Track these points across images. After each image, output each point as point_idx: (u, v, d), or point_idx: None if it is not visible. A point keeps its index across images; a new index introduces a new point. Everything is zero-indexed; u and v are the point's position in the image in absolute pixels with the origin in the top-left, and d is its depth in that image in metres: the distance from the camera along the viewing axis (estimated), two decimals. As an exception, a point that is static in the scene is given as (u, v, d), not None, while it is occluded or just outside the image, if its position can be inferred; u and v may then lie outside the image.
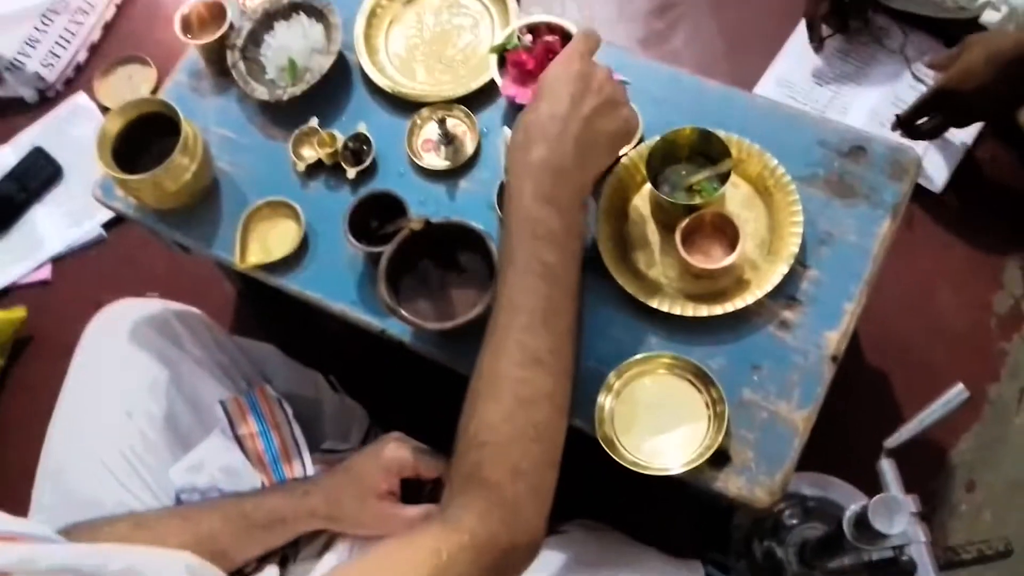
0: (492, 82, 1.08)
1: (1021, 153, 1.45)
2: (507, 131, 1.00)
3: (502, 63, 1.08)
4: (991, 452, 1.33)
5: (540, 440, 0.78)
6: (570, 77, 0.85)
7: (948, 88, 1.27)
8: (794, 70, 1.55)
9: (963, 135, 1.46)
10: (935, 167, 1.45)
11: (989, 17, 1.34)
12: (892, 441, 0.95)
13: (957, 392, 0.91)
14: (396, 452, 0.95)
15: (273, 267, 1.08)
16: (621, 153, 1.01)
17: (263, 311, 1.54)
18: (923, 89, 1.42)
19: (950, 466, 1.33)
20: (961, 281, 1.41)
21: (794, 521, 1.24)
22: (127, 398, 1.04)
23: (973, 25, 1.38)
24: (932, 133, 1.38)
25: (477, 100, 1.11)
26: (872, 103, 1.50)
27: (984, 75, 1.24)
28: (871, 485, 1.04)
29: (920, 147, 1.43)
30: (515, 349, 0.79)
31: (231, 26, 1.16)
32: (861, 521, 0.85)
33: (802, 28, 1.53)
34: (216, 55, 1.17)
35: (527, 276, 0.80)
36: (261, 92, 1.13)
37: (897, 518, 0.82)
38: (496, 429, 0.77)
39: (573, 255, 0.83)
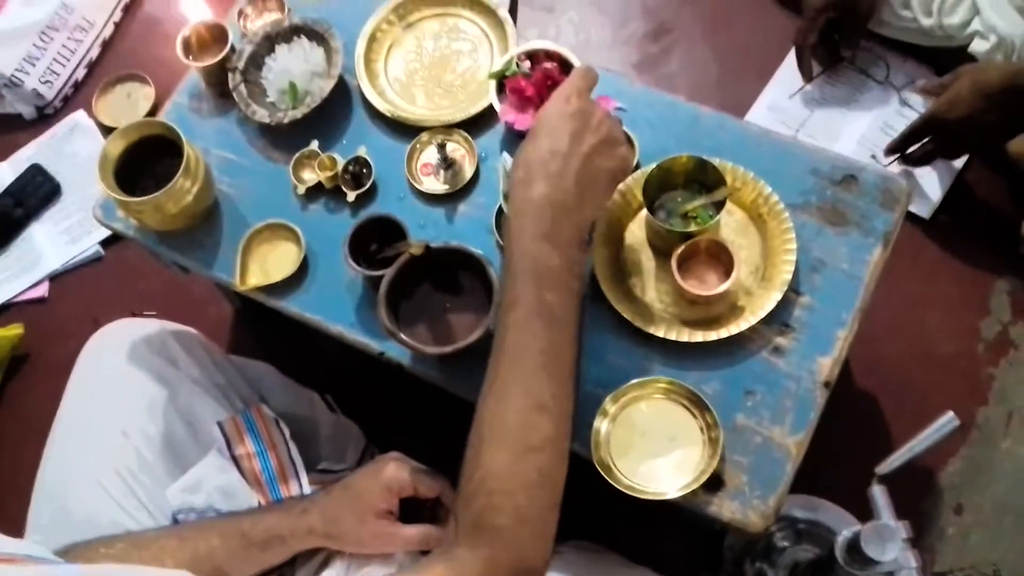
0: (491, 107, 1.10)
1: (1009, 180, 1.47)
2: (506, 156, 1.02)
3: (501, 88, 1.10)
4: (979, 475, 1.34)
5: (544, 486, 0.78)
6: (569, 114, 0.85)
7: (937, 117, 1.29)
8: (785, 96, 1.57)
9: (950, 166, 1.48)
10: (924, 193, 1.47)
11: (977, 47, 1.36)
12: (883, 468, 0.96)
13: (947, 420, 0.92)
14: (396, 472, 0.95)
15: (273, 289, 1.08)
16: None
17: (260, 331, 1.55)
18: (912, 116, 1.44)
19: (938, 489, 1.34)
20: (949, 306, 1.43)
21: (786, 543, 1.25)
22: (124, 418, 1.04)
23: (961, 54, 1.40)
24: (922, 160, 1.40)
25: (476, 125, 1.13)
26: (862, 130, 1.52)
27: (972, 105, 1.26)
28: (862, 508, 1.05)
29: (910, 175, 1.45)
30: (519, 395, 0.79)
31: (232, 48, 1.17)
32: (853, 547, 0.86)
33: (793, 55, 1.55)
34: (217, 77, 1.18)
35: (528, 317, 0.80)
36: (262, 115, 1.14)
37: (889, 545, 0.83)
38: (502, 477, 0.77)
39: (573, 294, 0.83)
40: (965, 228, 1.47)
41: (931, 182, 1.47)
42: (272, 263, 1.09)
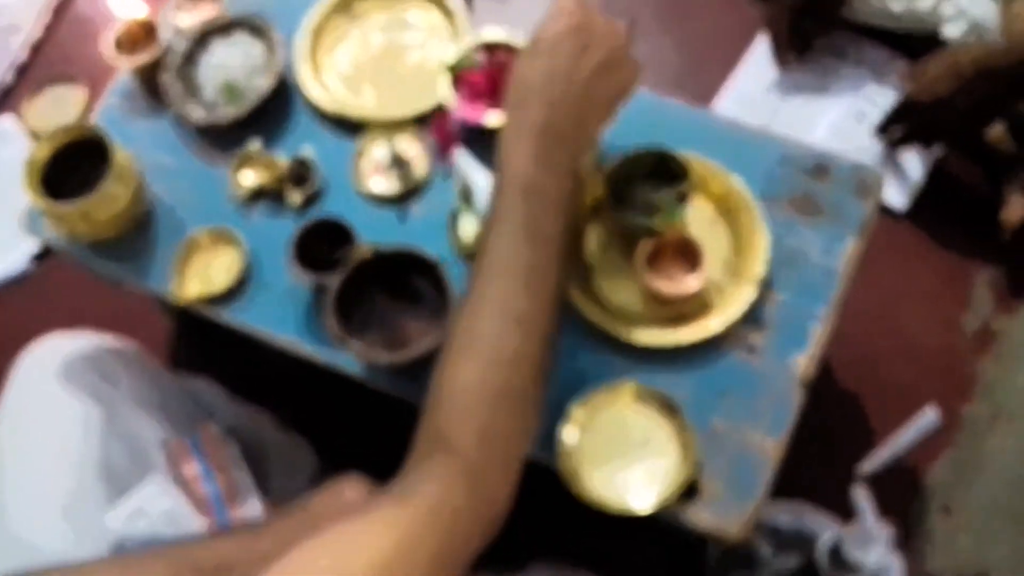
0: (443, 103, 1.08)
1: (986, 171, 1.48)
2: (462, 153, 1.00)
3: (455, 82, 1.08)
4: (966, 475, 1.35)
5: (512, 405, 0.76)
6: (570, 29, 0.83)
7: (912, 100, 1.30)
8: (753, 86, 1.57)
9: (927, 153, 1.49)
10: (900, 186, 1.47)
11: (949, 31, 1.37)
12: (865, 467, 0.95)
13: (927, 416, 0.92)
14: (355, 493, 0.93)
15: (214, 300, 1.06)
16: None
17: (203, 344, 1.51)
18: (884, 103, 1.45)
19: (925, 490, 1.34)
20: (930, 300, 1.43)
21: (768, 552, 1.24)
22: (58, 440, 1.02)
23: (933, 39, 1.41)
24: (902, 142, 1.40)
25: (427, 122, 1.11)
26: (833, 118, 1.52)
27: (946, 89, 1.27)
28: (845, 509, 1.04)
29: (885, 166, 1.46)
30: (494, 308, 0.78)
31: (165, 46, 1.15)
32: (836, 551, 0.86)
33: (760, 43, 1.55)
34: (150, 77, 1.15)
35: (512, 233, 0.80)
36: (198, 115, 1.12)
37: (872, 548, 0.83)
38: (466, 389, 0.76)
39: (563, 217, 0.82)
40: (943, 219, 1.48)
41: (907, 174, 1.48)
42: (213, 272, 1.06)
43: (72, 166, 1.06)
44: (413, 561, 0.67)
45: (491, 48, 1.09)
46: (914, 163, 1.49)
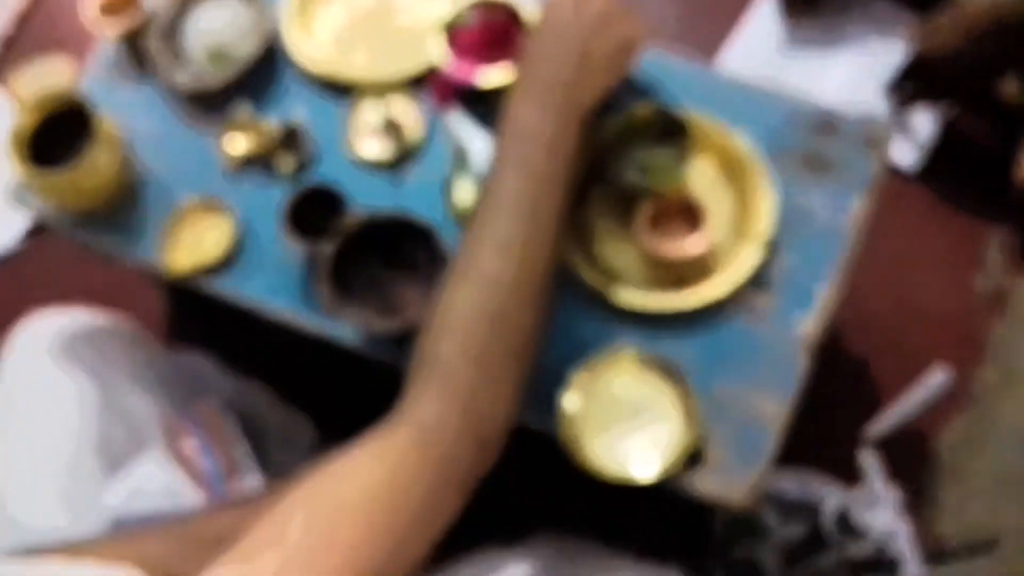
0: (437, 64, 1.06)
1: (998, 130, 1.46)
2: (454, 112, 0.99)
3: (449, 42, 1.06)
4: (977, 440, 1.34)
5: (503, 328, 0.78)
6: None
7: (924, 57, 1.28)
8: (758, 42, 1.55)
9: (938, 111, 1.47)
10: (911, 146, 1.45)
11: (959, -15, 1.35)
12: (873, 431, 0.94)
13: (937, 378, 0.91)
14: None
15: (205, 271, 1.05)
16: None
17: (199, 319, 1.51)
18: (894, 58, 1.43)
19: (935, 455, 1.33)
20: (941, 263, 1.42)
21: (775, 521, 1.24)
22: (53, 417, 1.02)
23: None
24: (912, 100, 1.38)
25: (422, 83, 1.09)
26: (840, 74, 1.50)
27: (956, 44, 1.25)
28: (853, 475, 1.04)
29: (895, 126, 1.44)
30: (486, 236, 0.81)
31: (149, 12, 1.13)
32: (843, 516, 0.85)
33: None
34: (135, 43, 1.14)
35: (507, 169, 0.84)
36: (185, 81, 1.10)
37: (880, 512, 0.82)
38: (456, 310, 0.78)
39: (564, 158, 0.85)
40: (955, 180, 1.46)
41: (917, 133, 1.46)
42: (204, 242, 1.05)
43: (59, 136, 1.05)
44: (408, 483, 0.68)
45: (485, 6, 1.07)
46: (925, 122, 1.47)
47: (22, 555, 0.87)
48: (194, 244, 1.06)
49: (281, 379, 1.28)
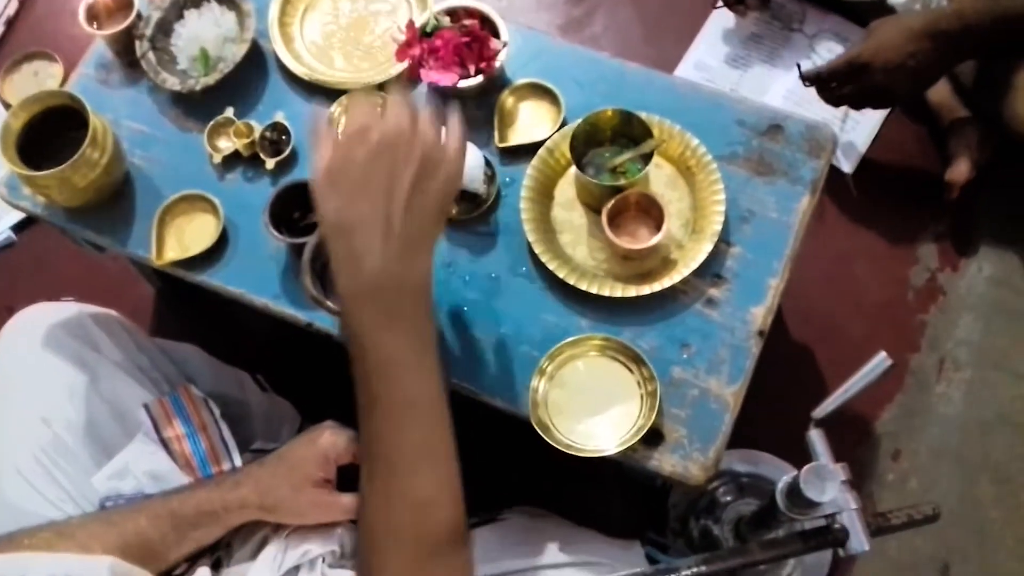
0: (412, 68, 1.07)
1: (930, 129, 1.49)
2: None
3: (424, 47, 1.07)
4: (914, 421, 1.37)
5: (438, 547, 0.74)
6: (371, 155, 0.71)
7: (860, 63, 1.29)
8: (711, 54, 1.57)
9: (873, 117, 1.50)
10: (848, 148, 1.48)
11: (898, -1, 1.37)
12: (819, 411, 0.96)
13: (880, 360, 0.93)
14: (333, 439, 0.92)
15: (192, 263, 1.05)
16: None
17: (184, 311, 1.50)
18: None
19: (876, 437, 1.36)
20: (878, 257, 1.45)
21: (729, 498, 1.26)
22: (43, 405, 1.00)
23: (882, 7, 1.41)
24: (845, 100, 1.38)
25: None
26: (787, 85, 1.52)
27: (895, 53, 1.26)
28: (803, 459, 1.05)
29: (835, 128, 1.46)
30: (405, 498, 0.74)
31: (139, 15, 1.12)
32: (793, 491, 0.87)
33: (718, 13, 1.55)
34: (124, 46, 1.13)
35: (391, 415, 0.73)
36: (173, 83, 1.10)
37: (828, 486, 0.84)
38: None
39: (430, 370, 0.75)
40: (890, 179, 1.49)
41: (854, 136, 1.49)
42: (190, 236, 1.05)
43: (49, 135, 1.04)
44: None
45: (456, 13, 1.08)
46: (861, 126, 1.49)
47: (6, 537, 0.86)
48: (181, 238, 1.06)
49: (265, 367, 1.27)
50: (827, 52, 1.53)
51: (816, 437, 0.95)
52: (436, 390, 0.75)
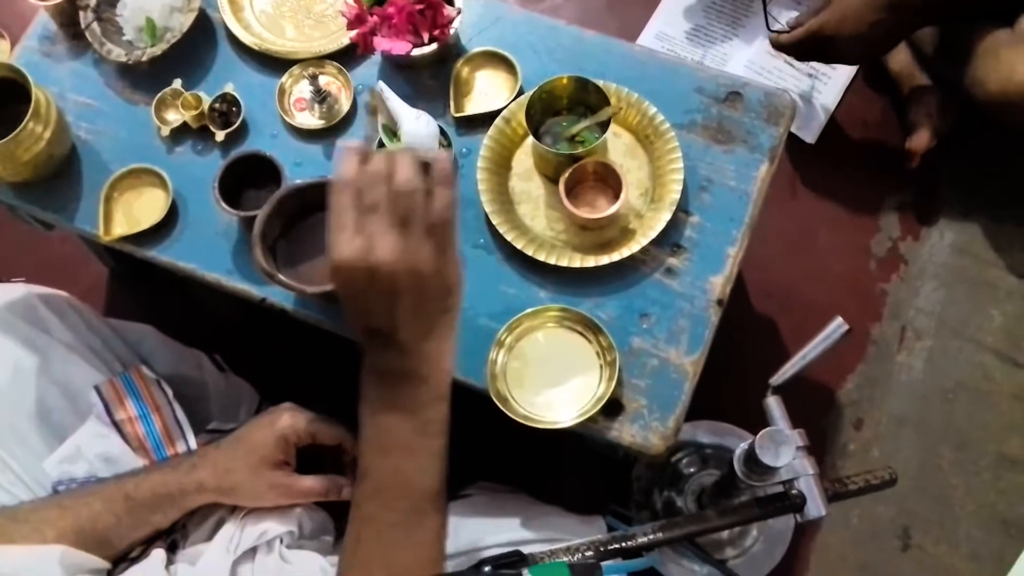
0: (365, 37, 1.05)
1: (892, 99, 1.50)
2: (381, 85, 0.98)
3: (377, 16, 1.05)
4: (876, 390, 1.38)
5: None
6: (378, 292, 0.69)
7: (824, 35, 1.29)
8: (672, 24, 1.56)
9: (834, 87, 1.50)
10: (810, 117, 1.48)
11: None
12: (776, 378, 0.96)
13: (836, 326, 0.93)
14: (292, 421, 0.92)
15: (141, 238, 1.03)
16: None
17: (139, 291, 1.48)
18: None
19: (838, 406, 1.37)
20: (840, 226, 1.46)
21: (692, 470, 1.27)
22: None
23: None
24: (804, 57, 1.38)
25: (349, 55, 1.08)
26: (748, 55, 1.52)
27: (858, 23, 1.26)
28: (763, 425, 1.06)
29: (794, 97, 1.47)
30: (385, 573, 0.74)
31: (83, -14, 1.10)
32: (750, 457, 0.87)
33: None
34: (68, 17, 1.10)
35: (381, 491, 0.74)
36: (118, 54, 1.07)
37: (783, 450, 0.84)
38: None
39: (432, 455, 0.75)
40: (852, 149, 1.50)
41: (816, 105, 1.49)
42: (138, 210, 1.03)
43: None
44: None
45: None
46: (823, 95, 1.50)
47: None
48: (129, 212, 1.04)
49: (222, 347, 1.26)
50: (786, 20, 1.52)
51: (773, 404, 0.95)
52: (433, 469, 0.75)
